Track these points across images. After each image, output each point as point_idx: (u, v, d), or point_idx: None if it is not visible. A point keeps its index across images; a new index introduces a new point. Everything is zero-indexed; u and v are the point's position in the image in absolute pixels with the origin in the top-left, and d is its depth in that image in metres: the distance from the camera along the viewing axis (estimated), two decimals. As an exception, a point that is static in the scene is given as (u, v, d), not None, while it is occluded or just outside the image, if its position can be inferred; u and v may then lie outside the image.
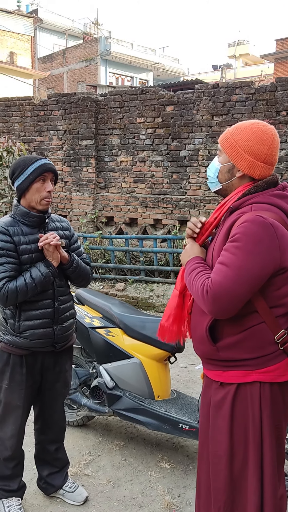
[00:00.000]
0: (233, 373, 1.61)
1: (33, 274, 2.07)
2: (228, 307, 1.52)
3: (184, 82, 13.95)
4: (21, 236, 2.11)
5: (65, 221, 2.38)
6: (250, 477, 1.58)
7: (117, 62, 23.48)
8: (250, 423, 1.59)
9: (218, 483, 1.65)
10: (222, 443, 1.63)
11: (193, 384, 3.96)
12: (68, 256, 2.20)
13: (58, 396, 2.38)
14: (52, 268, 2.11)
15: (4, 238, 2.08)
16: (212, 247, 1.68)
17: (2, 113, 8.25)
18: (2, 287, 2.02)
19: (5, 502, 2.29)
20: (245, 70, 26.76)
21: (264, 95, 6.16)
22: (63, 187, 7.84)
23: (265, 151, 1.61)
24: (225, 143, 1.68)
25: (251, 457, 1.58)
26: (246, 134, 1.63)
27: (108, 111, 7.32)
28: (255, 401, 1.58)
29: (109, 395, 2.85)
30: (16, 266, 2.09)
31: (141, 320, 2.90)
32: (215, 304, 1.52)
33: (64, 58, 24.53)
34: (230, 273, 1.49)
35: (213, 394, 1.68)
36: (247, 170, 1.63)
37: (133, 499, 2.50)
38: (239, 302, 1.52)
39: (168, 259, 6.48)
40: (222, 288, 1.49)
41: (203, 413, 1.76)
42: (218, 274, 1.52)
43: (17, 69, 14.81)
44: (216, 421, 1.66)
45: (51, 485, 2.44)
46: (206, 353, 1.69)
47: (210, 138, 6.54)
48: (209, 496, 1.72)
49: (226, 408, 1.62)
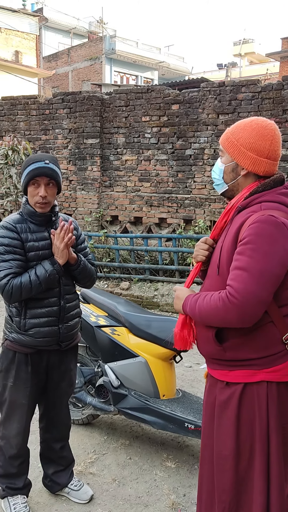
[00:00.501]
0: (240, 372, 1.60)
1: (38, 272, 2.07)
2: (256, 312, 1.49)
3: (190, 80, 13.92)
4: (28, 233, 2.12)
5: (73, 221, 2.38)
6: (256, 477, 1.57)
7: (122, 61, 23.46)
8: (256, 423, 1.57)
9: (222, 484, 1.64)
10: (228, 443, 1.62)
11: (198, 384, 3.96)
12: (76, 256, 2.20)
13: (63, 394, 2.38)
14: (58, 266, 2.11)
15: (11, 235, 2.08)
16: (219, 246, 1.66)
17: (7, 112, 8.26)
18: (7, 283, 2.02)
19: (10, 500, 2.29)
20: (251, 69, 26.65)
21: (271, 93, 6.13)
22: (68, 185, 7.85)
23: (267, 147, 1.60)
24: (226, 143, 1.68)
25: (257, 457, 1.57)
26: (246, 131, 1.63)
27: (114, 110, 7.31)
28: (262, 401, 1.57)
29: (114, 394, 2.85)
30: (22, 263, 2.09)
31: (146, 319, 2.89)
32: (242, 311, 1.48)
33: (69, 57, 24.54)
34: (252, 278, 1.46)
35: (218, 393, 1.67)
36: (251, 167, 1.62)
37: (138, 498, 2.50)
38: (265, 305, 1.49)
39: (173, 258, 6.47)
40: (248, 293, 1.46)
41: (206, 413, 1.75)
42: (240, 281, 1.48)
43: (22, 68, 14.82)
44: (221, 421, 1.64)
45: (56, 483, 2.45)
46: (211, 353, 1.68)
47: (216, 137, 6.52)
48: (211, 498, 1.71)
49: (232, 408, 1.60)
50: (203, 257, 1.77)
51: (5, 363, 2.22)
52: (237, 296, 1.47)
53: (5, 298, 2.08)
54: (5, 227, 2.11)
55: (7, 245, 2.07)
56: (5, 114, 8.29)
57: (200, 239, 1.82)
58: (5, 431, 2.27)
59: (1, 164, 6.98)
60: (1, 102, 8.36)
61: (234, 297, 1.48)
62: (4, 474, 2.31)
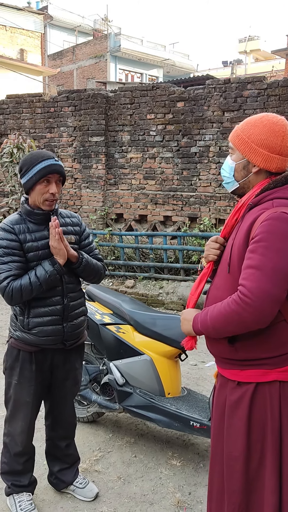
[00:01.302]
0: (252, 372, 1.57)
1: (38, 273, 2.05)
2: (271, 311, 1.45)
3: (195, 77, 13.85)
4: (27, 233, 2.09)
5: (76, 216, 2.35)
6: (268, 478, 1.55)
7: (127, 59, 23.43)
8: (268, 423, 1.55)
9: (232, 485, 1.61)
10: (238, 444, 1.59)
11: (203, 382, 3.95)
12: (77, 254, 2.18)
13: (68, 393, 2.37)
14: (58, 266, 2.08)
15: (9, 237, 2.06)
16: (230, 244, 1.63)
17: (12, 110, 8.27)
18: (7, 286, 2.01)
19: (16, 497, 2.30)
20: (256, 66, 26.54)
21: (277, 90, 6.08)
22: (73, 183, 7.85)
23: (279, 143, 1.58)
24: (237, 140, 1.65)
25: (268, 457, 1.55)
26: (257, 128, 1.60)
27: (118, 108, 7.30)
28: (274, 401, 1.54)
29: (119, 391, 2.84)
30: (22, 265, 2.07)
31: (151, 317, 2.89)
32: (257, 311, 1.44)
33: (74, 55, 24.55)
34: (265, 276, 1.43)
35: (229, 393, 1.64)
36: (263, 164, 1.60)
37: (143, 496, 2.49)
38: (279, 303, 1.47)
39: (178, 256, 6.46)
40: (262, 292, 1.43)
41: (217, 413, 1.72)
42: (253, 280, 1.45)
43: (27, 66, 14.84)
44: (232, 421, 1.62)
45: (61, 480, 2.45)
46: (222, 353, 1.65)
47: (221, 135, 6.49)
48: (222, 498, 1.69)
49: (244, 408, 1.58)
50: (215, 256, 1.72)
51: (10, 361, 2.22)
52: (250, 296, 1.44)
53: (6, 301, 2.06)
54: (3, 228, 2.09)
55: (6, 247, 2.05)
56: (10, 112, 8.30)
57: (210, 238, 1.78)
58: (10, 428, 2.27)
59: (6, 162, 7.00)
60: (6, 100, 8.37)
61: (247, 296, 1.44)
62: (9, 471, 2.31)
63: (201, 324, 1.61)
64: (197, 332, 1.65)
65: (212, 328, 1.57)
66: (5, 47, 17.00)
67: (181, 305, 6.04)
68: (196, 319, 1.63)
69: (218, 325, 1.54)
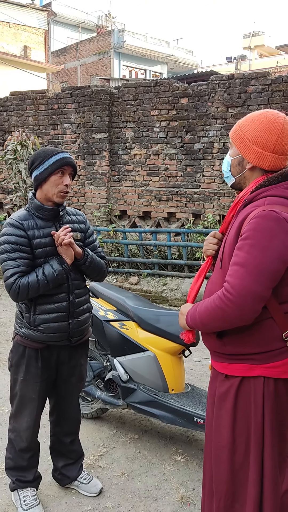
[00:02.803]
0: (238, 366, 1.60)
1: (46, 271, 2.06)
2: (254, 308, 1.47)
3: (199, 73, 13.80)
4: (35, 229, 2.10)
5: (81, 214, 2.36)
6: (251, 470, 1.58)
7: (131, 55, 23.36)
8: (252, 417, 1.58)
9: (219, 475, 1.65)
10: (224, 435, 1.63)
11: (207, 378, 3.95)
12: (82, 251, 2.19)
13: (73, 389, 2.38)
14: (66, 265, 2.10)
15: (17, 233, 2.06)
16: (224, 240, 1.66)
17: (16, 107, 8.27)
18: (14, 283, 2.01)
19: (20, 492, 2.31)
20: (260, 62, 26.33)
21: (281, 86, 6.05)
22: (76, 180, 7.84)
23: (273, 141, 1.57)
24: (234, 135, 1.66)
25: (252, 450, 1.58)
26: (254, 124, 1.60)
27: (122, 104, 7.28)
28: (258, 396, 1.56)
29: (123, 388, 2.85)
30: (29, 261, 2.08)
31: (155, 314, 2.89)
32: (239, 308, 1.47)
33: (78, 52, 24.49)
34: (249, 273, 1.45)
35: (218, 385, 1.68)
36: (256, 161, 1.61)
37: (147, 492, 2.50)
38: (262, 301, 1.48)
39: (181, 252, 6.45)
40: (244, 289, 1.45)
41: (209, 405, 1.76)
42: (236, 277, 1.48)
43: (31, 63, 14.82)
44: (220, 413, 1.66)
45: (66, 476, 2.46)
46: (213, 346, 1.69)
47: (225, 131, 6.47)
48: (212, 489, 1.72)
49: (230, 400, 1.61)
50: (212, 251, 1.77)
51: (16, 358, 2.23)
52: (233, 292, 1.47)
53: (12, 297, 2.07)
54: (11, 224, 2.09)
55: (14, 243, 2.05)
56: (14, 109, 8.30)
57: (209, 233, 1.82)
58: (15, 424, 2.28)
59: (10, 159, 7.00)
60: (10, 97, 8.37)
61: (230, 293, 1.47)
62: (14, 467, 2.32)
63: (191, 318, 1.66)
64: (189, 326, 1.70)
65: (200, 323, 1.62)
66: (8, 44, 16.98)
67: (185, 302, 6.03)
68: (188, 314, 1.68)
69: (205, 321, 1.59)
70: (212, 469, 1.70)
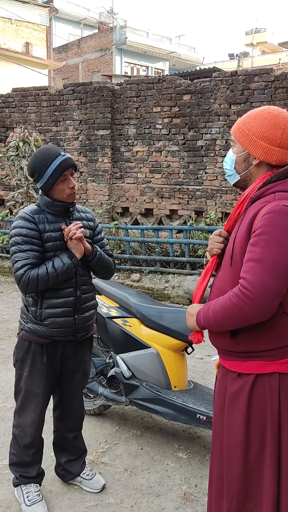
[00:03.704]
0: (252, 363, 1.59)
1: (56, 264, 2.08)
2: (272, 304, 1.46)
3: (201, 70, 13.73)
4: (46, 223, 2.12)
5: (90, 212, 2.39)
6: (267, 468, 1.56)
7: (133, 52, 23.29)
8: (268, 414, 1.56)
9: (231, 474, 1.64)
10: (237, 434, 1.61)
11: (209, 375, 3.95)
12: (91, 247, 2.20)
13: (77, 385, 2.39)
14: (75, 259, 2.12)
15: (29, 226, 2.09)
16: (233, 237, 1.64)
17: (18, 103, 8.26)
18: (24, 274, 2.03)
19: (23, 488, 2.32)
20: (263, 59, 26.25)
21: (284, 82, 6.03)
22: (78, 177, 7.84)
23: (279, 135, 1.57)
24: (238, 133, 1.66)
25: (268, 448, 1.57)
26: (258, 120, 1.60)
27: (124, 101, 7.26)
28: (273, 392, 1.56)
29: (126, 384, 2.85)
30: (39, 254, 2.10)
31: (158, 310, 2.89)
32: (258, 304, 1.45)
33: (79, 48, 24.43)
34: (266, 269, 1.44)
35: (230, 384, 1.66)
36: (263, 156, 1.60)
37: (150, 488, 2.51)
38: (280, 296, 1.47)
39: (184, 250, 6.45)
40: (262, 285, 1.44)
41: (217, 403, 1.74)
42: (253, 273, 1.46)
43: (33, 60, 14.80)
44: (232, 412, 1.64)
45: (69, 472, 2.46)
46: (224, 345, 1.67)
47: (228, 128, 6.45)
48: (221, 487, 1.71)
49: (243, 399, 1.60)
50: (219, 250, 1.74)
51: (21, 353, 2.23)
52: (251, 289, 1.45)
53: (21, 289, 2.08)
54: (23, 217, 2.12)
55: (25, 235, 2.07)
56: (15, 105, 8.29)
57: (214, 232, 1.80)
58: (20, 419, 2.29)
59: (12, 156, 7.00)
60: (12, 93, 8.36)
61: (248, 290, 1.45)
62: (18, 462, 2.33)
63: (204, 319, 1.63)
64: (201, 327, 1.67)
65: (215, 322, 1.58)
66: (10, 41, 16.96)
67: (187, 299, 6.04)
68: (199, 314, 1.65)
69: (220, 319, 1.56)
70: (222, 469, 1.69)
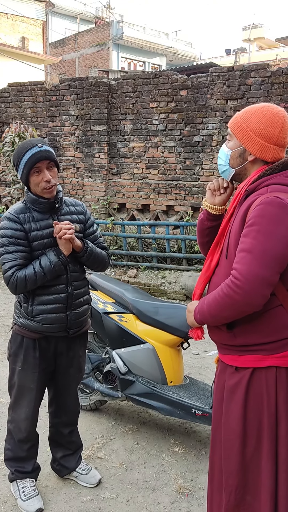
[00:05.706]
0: (249, 357, 1.60)
1: (43, 263, 2.06)
2: (262, 293, 1.47)
3: (198, 65, 13.71)
4: (32, 222, 2.10)
5: (80, 204, 2.34)
6: (264, 462, 1.58)
7: (129, 47, 23.17)
8: (265, 408, 1.57)
9: (229, 468, 1.65)
10: (235, 428, 1.62)
11: (206, 371, 3.96)
12: (82, 243, 2.17)
13: (72, 380, 2.39)
14: (63, 257, 2.10)
15: (14, 226, 2.07)
16: (228, 230, 1.66)
17: (14, 98, 8.21)
18: (12, 276, 2.02)
19: (19, 483, 2.32)
20: (260, 54, 26.16)
21: (281, 78, 6.01)
22: (75, 173, 7.81)
23: (276, 134, 1.59)
24: (236, 127, 1.66)
25: (265, 441, 1.58)
26: (256, 117, 1.61)
27: (121, 96, 7.23)
28: (270, 386, 1.57)
29: (122, 380, 2.86)
30: (26, 254, 2.08)
31: (154, 306, 2.89)
32: (248, 293, 1.47)
33: (76, 43, 24.29)
34: (255, 259, 1.46)
35: (228, 378, 1.67)
36: (259, 153, 1.62)
37: (145, 482, 2.52)
38: (270, 285, 1.49)
39: (180, 246, 6.45)
40: (251, 274, 1.46)
41: (217, 398, 1.75)
42: (243, 263, 1.48)
43: (29, 54, 14.70)
44: (230, 406, 1.65)
45: (64, 467, 2.47)
46: (222, 339, 1.68)
47: (224, 123, 6.43)
48: (222, 482, 1.72)
49: (240, 393, 1.61)
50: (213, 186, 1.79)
51: (14, 348, 2.23)
52: (241, 278, 1.47)
53: (10, 290, 2.08)
54: (8, 218, 2.10)
55: (11, 236, 2.06)
56: (11, 100, 8.24)
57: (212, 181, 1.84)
58: (14, 414, 2.29)
59: (8, 152, 6.95)
60: (7, 88, 8.30)
61: (238, 279, 1.47)
62: (13, 457, 2.33)
63: (199, 313, 1.65)
64: (198, 322, 1.69)
65: (209, 315, 1.60)
66: (6, 35, 16.82)
67: (184, 295, 6.04)
68: (196, 310, 1.67)
69: (214, 311, 1.58)
70: (220, 462, 1.70)
